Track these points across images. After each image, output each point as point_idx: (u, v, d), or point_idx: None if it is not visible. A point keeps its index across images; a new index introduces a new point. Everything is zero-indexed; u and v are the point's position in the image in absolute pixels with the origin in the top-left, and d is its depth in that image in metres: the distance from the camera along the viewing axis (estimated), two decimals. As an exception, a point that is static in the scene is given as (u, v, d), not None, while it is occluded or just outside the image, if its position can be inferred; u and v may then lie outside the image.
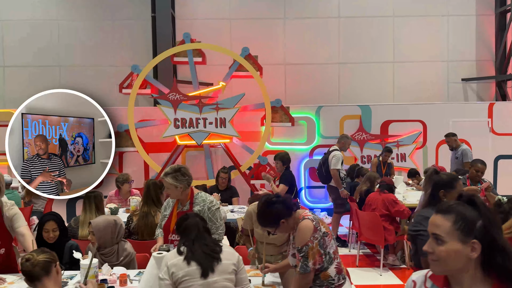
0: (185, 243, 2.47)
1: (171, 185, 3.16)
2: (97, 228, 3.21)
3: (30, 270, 2.09)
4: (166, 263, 2.41)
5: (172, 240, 3.22)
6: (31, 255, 2.13)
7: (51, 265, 2.13)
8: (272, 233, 2.64)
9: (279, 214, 2.51)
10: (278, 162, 5.57)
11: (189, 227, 2.55)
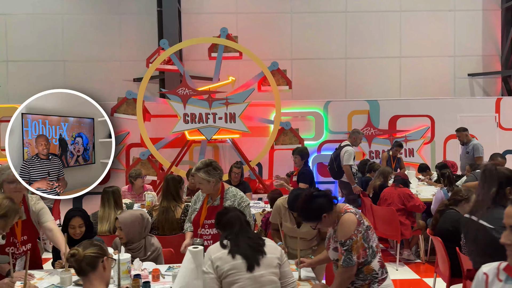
0: (228, 236, 2.44)
1: (204, 179, 3.14)
2: (125, 223, 3.17)
3: (75, 265, 2.04)
4: (209, 256, 2.37)
5: (201, 234, 3.19)
6: (76, 250, 2.08)
7: (98, 260, 2.09)
8: (313, 227, 2.61)
9: (321, 209, 2.48)
10: (297, 157, 5.53)
11: (231, 220, 2.52)
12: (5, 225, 2.63)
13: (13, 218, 2.64)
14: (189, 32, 9.26)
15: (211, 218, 3.18)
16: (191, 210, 3.38)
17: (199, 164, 3.20)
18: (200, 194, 3.37)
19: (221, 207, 3.20)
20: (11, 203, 2.65)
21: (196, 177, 3.17)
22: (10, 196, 2.75)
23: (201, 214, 3.23)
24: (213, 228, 3.17)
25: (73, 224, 3.35)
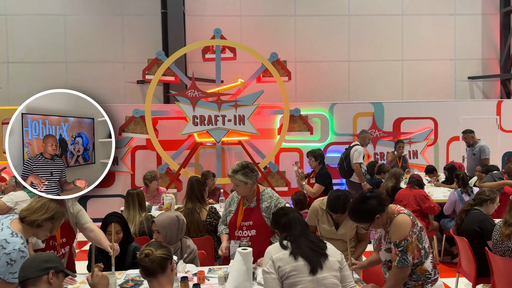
0: (288, 237, 2.42)
1: (241, 182, 3.14)
2: (162, 226, 3.14)
3: (148, 266, 2.03)
4: (270, 256, 2.36)
5: (239, 236, 3.18)
6: (150, 250, 2.07)
7: (167, 262, 2.08)
8: (365, 228, 2.63)
9: (374, 209, 2.50)
10: (311, 159, 5.55)
11: (292, 222, 2.49)
12: (52, 227, 2.60)
13: (60, 220, 2.61)
14: (193, 35, 9.24)
15: (249, 220, 3.19)
16: (226, 212, 3.37)
17: (235, 167, 3.20)
18: (234, 196, 3.37)
19: (258, 209, 3.20)
20: (57, 205, 2.62)
21: (233, 180, 3.17)
22: (56, 199, 2.71)
23: (238, 216, 3.22)
24: (251, 229, 3.17)
25: (110, 230, 3.30)
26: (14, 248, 2.37)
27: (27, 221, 2.51)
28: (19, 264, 2.35)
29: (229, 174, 3.19)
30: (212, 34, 8.03)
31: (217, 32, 7.32)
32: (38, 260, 2.16)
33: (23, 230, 2.50)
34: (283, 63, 7.49)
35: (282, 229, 2.53)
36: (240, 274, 2.48)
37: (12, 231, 2.44)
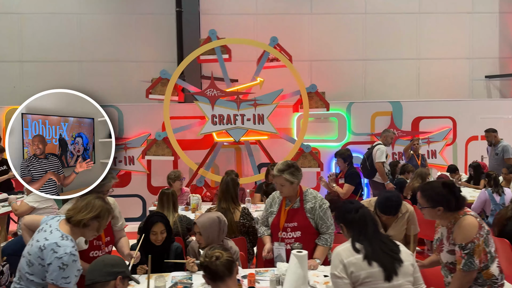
0: (360, 238, 2.29)
1: (287, 181, 3.04)
2: (204, 227, 3.05)
3: (218, 269, 1.95)
4: (341, 260, 2.25)
5: (283, 237, 3.09)
6: (220, 253, 1.99)
7: (233, 264, 2.00)
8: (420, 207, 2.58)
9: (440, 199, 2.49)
10: (339, 160, 5.46)
11: (365, 219, 2.34)
12: (99, 226, 2.50)
13: (107, 218, 2.52)
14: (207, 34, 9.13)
15: (293, 221, 3.10)
16: (267, 213, 3.28)
17: (280, 166, 3.10)
18: (276, 197, 3.27)
19: (302, 209, 3.11)
20: (103, 202, 2.52)
21: (279, 179, 3.07)
22: (101, 196, 2.63)
23: (281, 218, 3.13)
24: (296, 231, 3.08)
25: (155, 230, 3.21)
26: (66, 252, 2.27)
27: (73, 221, 2.42)
28: (71, 268, 2.27)
29: (274, 174, 3.10)
30: (228, 33, 7.97)
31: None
32: (106, 264, 2.08)
33: (71, 231, 2.41)
34: (322, 94, 7.46)
35: (352, 226, 2.36)
36: (297, 278, 2.39)
37: (62, 234, 2.35)
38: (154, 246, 3.13)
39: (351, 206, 2.43)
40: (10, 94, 8.90)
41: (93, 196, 2.54)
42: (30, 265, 2.31)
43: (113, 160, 8.63)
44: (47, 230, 2.39)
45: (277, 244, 3.06)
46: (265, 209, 3.30)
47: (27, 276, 2.32)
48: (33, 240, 2.39)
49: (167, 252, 3.16)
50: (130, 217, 8.19)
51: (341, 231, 2.43)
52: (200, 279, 2.85)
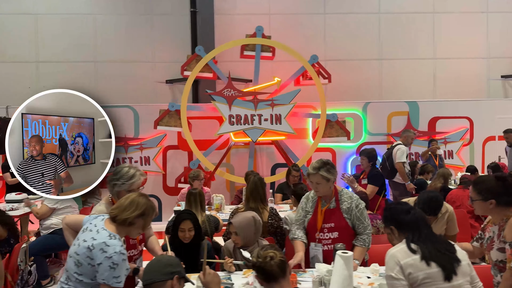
0: (415, 239, 2.26)
1: (324, 178, 3.01)
2: (240, 227, 3.03)
3: (273, 269, 1.93)
4: (397, 261, 2.21)
5: (320, 238, 3.06)
6: (273, 253, 1.97)
7: (287, 265, 1.98)
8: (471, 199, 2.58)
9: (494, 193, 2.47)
10: (364, 158, 5.42)
11: (419, 220, 2.31)
12: (144, 224, 2.48)
13: (152, 216, 2.50)
14: (222, 34, 9.12)
15: (330, 221, 3.07)
16: (303, 213, 3.23)
17: (316, 164, 3.07)
18: (310, 197, 3.24)
19: (339, 210, 3.08)
20: (147, 200, 2.50)
21: (315, 177, 3.03)
22: (144, 193, 2.61)
23: (318, 218, 3.10)
24: (333, 232, 3.05)
25: (183, 227, 3.21)
26: (115, 251, 2.26)
27: (119, 220, 2.40)
28: (122, 267, 2.25)
29: (309, 172, 3.06)
30: (243, 32, 7.94)
31: (259, 29, 7.22)
32: (163, 264, 2.07)
33: (117, 230, 2.39)
34: (342, 123, 7.43)
35: (405, 228, 2.31)
36: (343, 279, 2.36)
37: (109, 233, 2.34)
38: (183, 245, 3.11)
39: (402, 208, 2.40)
40: (26, 94, 8.88)
41: (136, 194, 2.52)
42: (79, 265, 2.30)
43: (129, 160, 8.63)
44: (93, 229, 2.38)
45: (314, 245, 3.03)
46: (301, 209, 3.24)
47: (76, 277, 2.31)
48: (79, 240, 2.38)
49: (197, 251, 3.14)
50: (146, 217, 8.20)
51: (390, 234, 2.40)
52: (240, 279, 2.84)
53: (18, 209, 5.52)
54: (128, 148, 8.07)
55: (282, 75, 7.70)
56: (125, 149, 8.05)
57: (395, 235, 2.36)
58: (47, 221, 4.99)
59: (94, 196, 6.57)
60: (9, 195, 6.02)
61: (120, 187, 2.89)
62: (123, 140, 8.05)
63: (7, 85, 8.86)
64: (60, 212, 5.06)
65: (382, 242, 3.48)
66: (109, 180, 2.95)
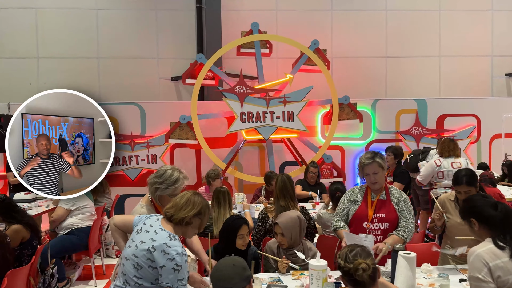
0: (501, 238, 2.13)
1: (380, 167, 3.04)
2: (287, 227, 2.93)
3: (364, 280, 1.84)
4: (485, 263, 2.10)
5: (371, 229, 3.01)
6: (366, 265, 1.87)
7: (378, 271, 1.88)
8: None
9: None
10: (390, 155, 5.35)
11: (506, 217, 2.15)
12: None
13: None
14: (228, 30, 8.98)
15: (381, 212, 3.06)
16: (348, 205, 3.15)
17: (368, 155, 3.12)
18: (356, 189, 3.21)
19: (389, 201, 3.07)
20: (202, 198, 2.39)
21: (372, 167, 3.04)
22: (198, 192, 2.49)
23: (368, 208, 3.04)
24: (383, 222, 3.03)
25: (242, 233, 3.06)
26: (177, 252, 2.15)
27: (175, 219, 2.28)
28: (185, 269, 2.14)
29: (365, 163, 3.04)
30: (247, 28, 7.83)
31: (255, 26, 7.12)
32: (240, 268, 1.95)
33: (174, 230, 2.28)
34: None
35: (491, 224, 2.18)
36: (407, 279, 2.29)
37: (169, 234, 2.22)
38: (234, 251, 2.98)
39: (488, 201, 2.27)
40: (27, 91, 8.64)
41: (191, 193, 2.40)
42: (138, 268, 2.18)
43: (136, 158, 8.44)
44: (150, 230, 2.25)
45: (364, 236, 2.96)
46: (345, 201, 3.19)
47: (135, 280, 2.18)
48: (135, 242, 2.25)
49: (245, 256, 3.02)
50: (153, 216, 8.05)
51: (471, 227, 2.30)
52: (291, 281, 2.74)
53: (31, 209, 5.33)
54: (134, 146, 7.90)
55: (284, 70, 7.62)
56: (131, 147, 7.88)
57: (475, 228, 2.26)
58: (64, 221, 4.83)
59: (104, 195, 6.41)
60: (18, 195, 5.83)
61: (163, 191, 2.77)
62: (129, 137, 7.89)
63: (8, 82, 8.62)
64: (75, 213, 4.91)
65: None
66: (151, 182, 2.82)
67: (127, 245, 2.30)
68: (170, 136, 7.08)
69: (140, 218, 2.41)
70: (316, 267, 2.44)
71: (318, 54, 7.25)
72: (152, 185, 2.81)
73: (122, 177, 7.80)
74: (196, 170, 8.01)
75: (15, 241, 3.57)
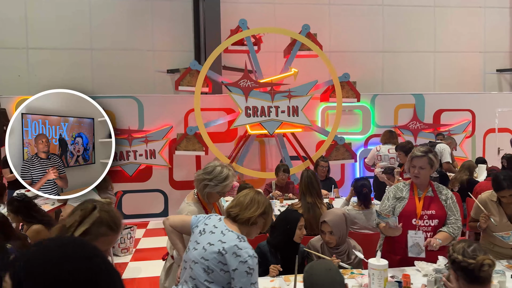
0: None
1: (430, 163, 3.00)
2: (337, 226, 2.86)
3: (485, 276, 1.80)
4: None
5: (420, 225, 2.98)
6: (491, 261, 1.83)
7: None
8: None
9: None
10: (400, 153, 5.35)
11: None
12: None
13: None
14: (226, 23, 8.82)
15: (430, 208, 3.03)
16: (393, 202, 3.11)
17: (423, 148, 3.08)
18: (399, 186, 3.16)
19: (437, 198, 3.05)
20: (265, 198, 2.30)
21: (421, 161, 3.00)
22: (259, 191, 2.39)
23: (417, 204, 3.01)
24: (433, 219, 3.00)
25: (301, 225, 2.97)
26: (249, 255, 2.06)
27: (241, 219, 2.19)
28: (256, 272, 2.05)
29: (415, 155, 3.01)
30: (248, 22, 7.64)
31: (242, 23, 7.02)
32: (336, 272, 1.87)
33: (239, 230, 2.18)
34: (314, 35, 7.30)
35: None
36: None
37: (237, 235, 2.12)
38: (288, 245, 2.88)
39: None
40: (16, 83, 8.30)
41: (253, 191, 2.31)
42: (210, 271, 2.07)
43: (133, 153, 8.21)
44: (215, 231, 2.15)
45: (413, 233, 2.93)
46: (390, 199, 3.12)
47: (207, 285, 2.07)
48: (200, 243, 2.14)
49: (295, 252, 2.95)
50: (152, 213, 7.88)
51: None
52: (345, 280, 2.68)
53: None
54: (132, 141, 7.69)
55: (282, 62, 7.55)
56: (129, 142, 7.66)
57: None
58: (75, 221, 4.63)
59: (107, 192, 6.21)
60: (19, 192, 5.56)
61: (213, 188, 2.67)
62: (127, 132, 7.67)
63: (-2, 73, 8.23)
64: (87, 210, 4.72)
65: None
66: (200, 179, 2.71)
67: (190, 248, 2.19)
68: (177, 148, 6.92)
69: (197, 218, 2.30)
70: (377, 267, 2.40)
71: (310, 38, 7.21)
72: (200, 181, 2.71)
73: (120, 173, 7.58)
74: (196, 166, 7.87)
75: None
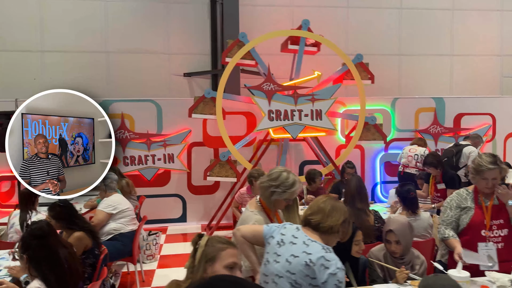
0: None
1: (500, 173, 2.92)
2: (404, 235, 2.73)
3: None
4: None
5: (490, 236, 2.86)
6: None
7: None
8: None
9: None
10: (431, 169, 5.21)
11: None
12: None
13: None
14: (244, 26, 8.71)
15: (498, 218, 2.92)
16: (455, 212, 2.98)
17: (491, 159, 2.95)
18: (462, 194, 3.02)
19: (503, 205, 2.93)
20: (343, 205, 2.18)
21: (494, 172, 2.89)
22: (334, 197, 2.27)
23: (485, 215, 2.89)
24: (503, 229, 2.89)
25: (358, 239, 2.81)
26: (338, 267, 1.93)
27: (324, 227, 2.06)
28: (344, 285, 1.92)
29: (488, 168, 2.89)
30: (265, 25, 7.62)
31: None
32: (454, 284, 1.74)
33: (321, 240, 2.05)
34: (366, 65, 7.20)
35: None
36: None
37: (322, 246, 2.00)
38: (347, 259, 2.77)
39: None
40: (31, 86, 8.15)
41: (330, 198, 2.19)
42: (297, 286, 1.94)
43: (152, 158, 8.09)
44: (296, 242, 2.02)
45: (484, 245, 2.81)
46: (453, 208, 3.00)
47: None
48: (282, 256, 2.01)
49: (357, 264, 2.82)
50: (170, 218, 7.74)
51: None
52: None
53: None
54: (150, 145, 7.56)
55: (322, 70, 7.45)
56: (147, 146, 7.53)
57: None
58: (105, 226, 4.50)
59: (130, 197, 6.07)
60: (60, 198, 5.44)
61: (281, 195, 2.55)
62: (145, 136, 7.54)
63: (13, 76, 8.09)
64: (118, 216, 4.59)
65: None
66: (266, 186, 2.58)
67: (270, 260, 2.06)
68: (194, 111, 6.77)
69: (270, 227, 2.17)
70: (459, 278, 2.27)
71: (361, 67, 7.13)
72: (266, 189, 2.58)
73: (138, 177, 7.44)
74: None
75: (79, 250, 3.26)
